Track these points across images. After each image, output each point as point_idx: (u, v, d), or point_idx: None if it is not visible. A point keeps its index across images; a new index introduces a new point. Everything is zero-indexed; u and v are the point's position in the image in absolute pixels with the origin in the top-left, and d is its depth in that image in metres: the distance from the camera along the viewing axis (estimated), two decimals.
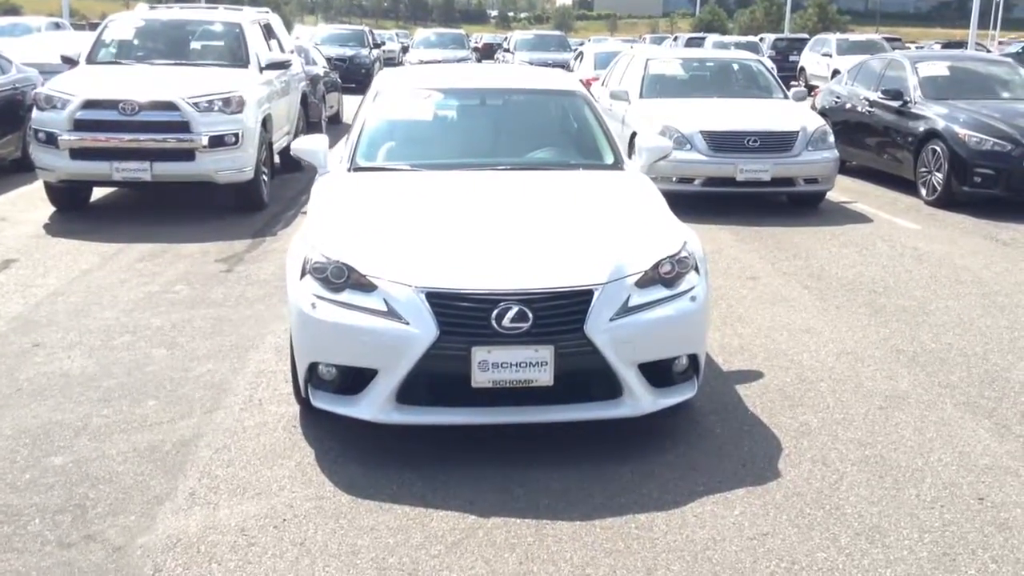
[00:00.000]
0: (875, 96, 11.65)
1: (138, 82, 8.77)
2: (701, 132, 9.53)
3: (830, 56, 26.43)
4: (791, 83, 19.37)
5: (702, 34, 42.53)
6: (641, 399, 4.07)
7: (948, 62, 11.91)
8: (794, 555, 3.42)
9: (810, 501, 3.80)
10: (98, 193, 9.57)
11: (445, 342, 3.82)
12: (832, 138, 9.93)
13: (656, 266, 4.13)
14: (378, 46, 29.36)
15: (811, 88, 21.34)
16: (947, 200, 10.06)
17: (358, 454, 4.11)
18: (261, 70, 9.80)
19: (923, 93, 10.90)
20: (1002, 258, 8.04)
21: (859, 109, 12.00)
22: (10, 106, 10.79)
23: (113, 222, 8.65)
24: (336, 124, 16.34)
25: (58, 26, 23.30)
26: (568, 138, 5.75)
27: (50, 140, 8.36)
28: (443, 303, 3.85)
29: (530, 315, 3.83)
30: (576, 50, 24.68)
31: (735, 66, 11.98)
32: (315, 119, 13.94)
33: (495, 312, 3.82)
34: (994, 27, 58.82)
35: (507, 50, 30.72)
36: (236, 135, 8.61)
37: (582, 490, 3.84)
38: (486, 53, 39.83)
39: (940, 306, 6.60)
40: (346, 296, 3.98)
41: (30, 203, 9.38)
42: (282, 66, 10.42)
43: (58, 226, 8.48)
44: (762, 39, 35.06)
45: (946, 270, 7.60)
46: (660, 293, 4.10)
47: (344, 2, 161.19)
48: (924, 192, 10.47)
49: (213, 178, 8.63)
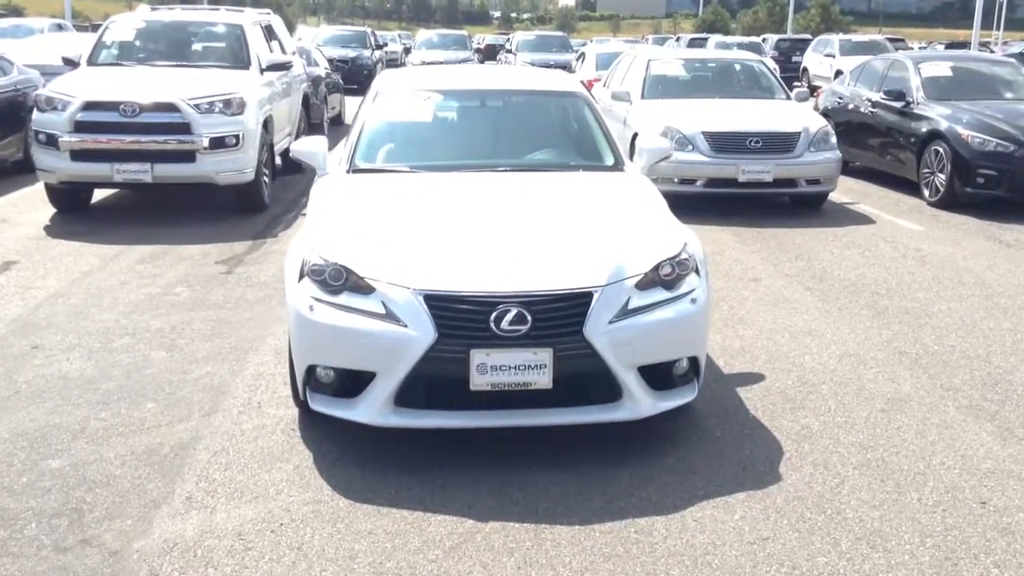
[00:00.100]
0: (878, 97, 11.62)
1: (139, 84, 8.76)
2: (703, 133, 9.51)
3: (833, 57, 26.39)
4: (794, 84, 19.38)
5: (705, 35, 42.48)
6: (641, 402, 4.04)
7: (951, 63, 11.88)
8: (795, 560, 3.40)
9: (811, 505, 3.78)
10: (99, 195, 9.57)
11: (443, 345, 3.79)
12: (834, 139, 9.90)
13: (656, 268, 4.11)
14: (380, 47, 29.38)
15: (814, 89, 21.31)
16: (950, 201, 10.03)
17: (356, 457, 4.09)
18: (262, 71, 9.79)
19: (926, 94, 10.87)
20: (1005, 259, 8.00)
21: (862, 110, 11.97)
22: (12, 107, 10.80)
23: (114, 224, 8.65)
24: (338, 125, 16.33)
25: (60, 27, 23.31)
26: (568, 139, 5.73)
27: (51, 142, 8.36)
28: (441, 305, 3.83)
29: (529, 317, 3.81)
30: (578, 51, 24.64)
31: (737, 67, 11.95)
32: (317, 120, 13.92)
33: (494, 314, 3.80)
34: (997, 27, 58.77)
35: (509, 51, 30.71)
36: (237, 137, 8.60)
37: (581, 494, 3.81)
38: (488, 54, 39.82)
39: (943, 308, 6.57)
40: (344, 298, 3.96)
41: (31, 205, 9.37)
42: (283, 67, 10.40)
43: (59, 228, 8.47)
44: (765, 40, 35.01)
45: (949, 272, 7.57)
46: (660, 295, 4.08)
47: (347, 3, 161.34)
48: (927, 193, 10.44)
49: (214, 180, 8.62)
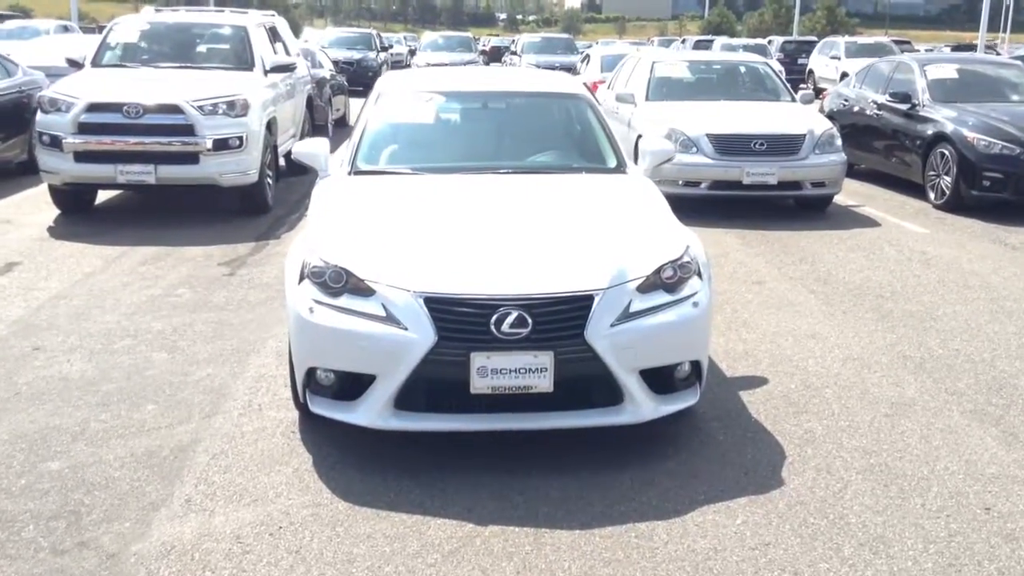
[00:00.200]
0: (883, 99, 11.58)
1: (142, 85, 8.76)
2: (707, 135, 9.48)
3: (839, 59, 26.31)
4: (799, 86, 19.30)
5: (710, 36, 42.42)
6: (642, 406, 4.02)
7: (957, 65, 11.83)
8: (796, 565, 3.37)
9: (813, 510, 3.75)
10: (103, 196, 9.57)
11: (443, 347, 3.77)
12: (839, 141, 9.86)
13: (658, 271, 4.08)
14: (385, 49, 29.38)
15: (819, 91, 21.25)
16: (955, 204, 9.99)
17: (356, 460, 4.07)
18: (266, 73, 9.79)
19: (931, 96, 10.83)
20: (1011, 263, 7.96)
21: (867, 112, 11.93)
22: (16, 109, 10.81)
23: (117, 225, 8.64)
24: (342, 127, 16.32)
25: (66, 29, 23.37)
26: (570, 141, 5.70)
27: (54, 143, 8.36)
28: (441, 308, 3.81)
29: (529, 320, 3.79)
30: (583, 53, 24.61)
31: (741, 69, 11.91)
32: (321, 122, 13.91)
33: (494, 317, 3.78)
34: (1004, 30, 58.61)
35: (514, 53, 30.69)
36: (240, 138, 8.60)
37: (581, 498, 3.79)
38: (493, 56, 39.78)
39: (948, 311, 6.53)
40: (344, 301, 3.94)
41: (35, 206, 9.38)
42: (287, 69, 10.40)
43: (62, 229, 8.47)
44: (770, 41, 34.90)
45: (954, 275, 7.53)
46: (662, 298, 4.06)
47: (353, 5, 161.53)
48: (932, 196, 10.39)
49: (217, 181, 8.62)
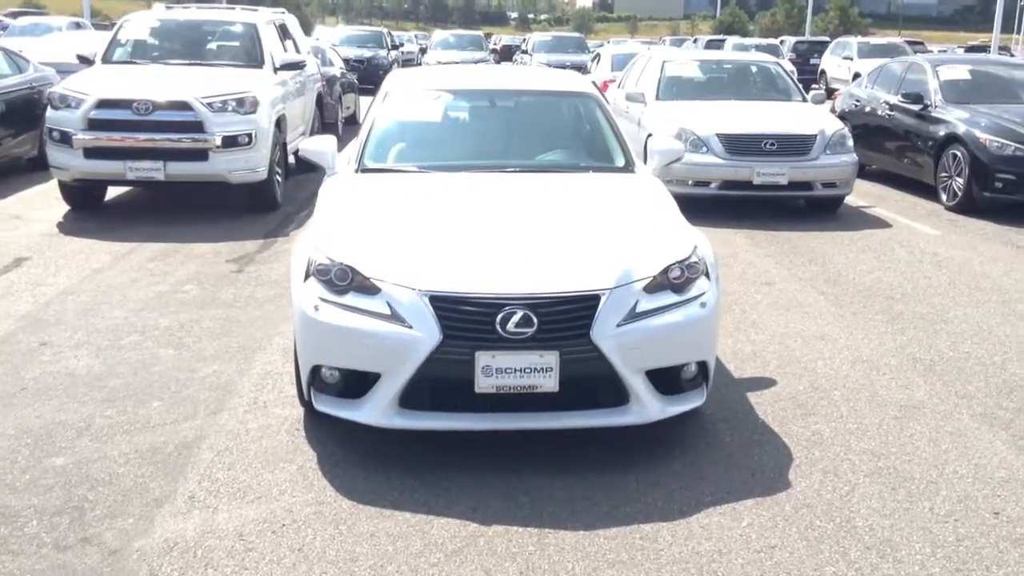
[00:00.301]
0: (895, 99, 11.51)
1: (152, 82, 8.77)
2: (717, 135, 9.43)
3: (851, 59, 26.20)
4: (811, 86, 19.23)
5: (722, 36, 42.29)
6: (648, 406, 3.99)
7: (969, 66, 11.75)
8: (802, 569, 3.34)
9: (820, 513, 3.72)
10: (113, 192, 9.59)
11: (448, 346, 3.76)
12: (851, 142, 9.80)
13: (665, 271, 4.06)
14: (396, 47, 29.40)
15: (832, 91, 21.16)
16: (967, 205, 9.92)
17: (361, 459, 4.05)
18: (276, 70, 9.79)
19: (944, 97, 10.75)
20: (1022, 265, 7.89)
21: (879, 112, 11.86)
22: (27, 105, 10.84)
23: (127, 221, 8.66)
24: (352, 125, 16.32)
25: (78, 26, 23.47)
26: (579, 140, 5.67)
27: (64, 139, 8.37)
28: (447, 307, 3.79)
29: (535, 320, 3.76)
30: (594, 52, 24.57)
31: (753, 68, 11.86)
32: (331, 120, 13.93)
33: (500, 316, 3.76)
34: (1018, 31, 58.27)
35: (525, 52, 30.67)
36: (249, 135, 8.60)
37: (586, 499, 3.77)
38: (504, 55, 39.75)
39: (959, 314, 6.48)
40: (350, 299, 3.93)
41: (45, 202, 9.40)
42: (297, 66, 10.40)
43: (72, 225, 8.49)
44: (782, 41, 34.79)
45: (965, 277, 7.48)
46: (669, 299, 4.03)
47: (365, 3, 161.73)
48: (944, 197, 10.33)
49: (226, 178, 8.62)
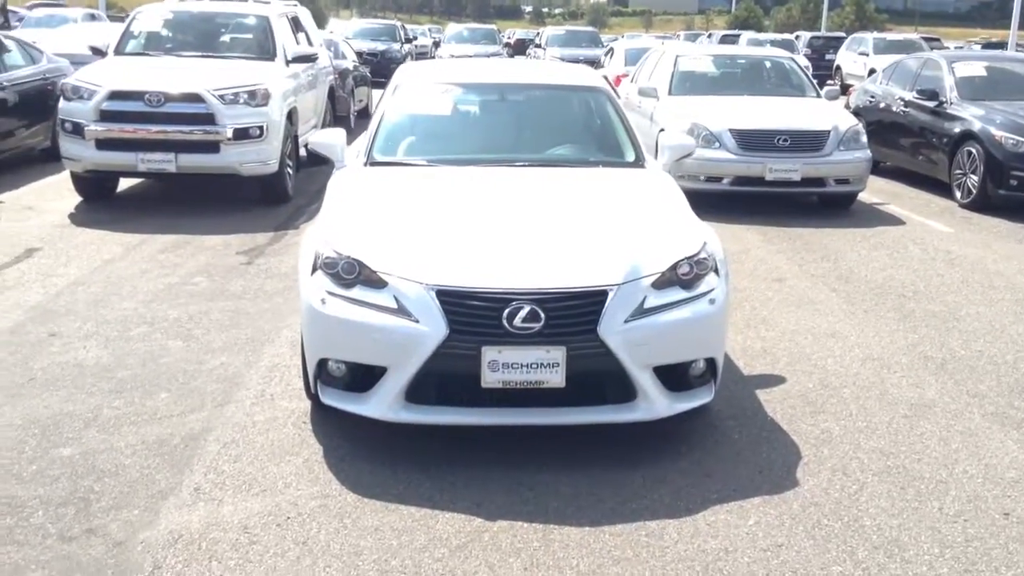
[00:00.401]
0: (910, 96, 11.42)
1: (164, 74, 8.78)
2: (730, 130, 9.38)
3: (867, 55, 26.04)
4: (827, 82, 19.08)
5: (737, 31, 42.09)
6: (656, 403, 3.97)
7: (985, 62, 11.64)
8: (809, 568, 3.31)
9: (828, 512, 3.69)
10: (124, 184, 9.61)
11: (455, 341, 3.74)
12: (865, 138, 9.72)
13: (674, 267, 4.03)
14: (410, 41, 29.41)
15: (847, 87, 21.02)
16: (982, 203, 9.83)
17: (367, 452, 4.05)
18: (287, 63, 9.79)
19: (959, 94, 10.66)
20: None
21: (893, 109, 11.77)
22: (40, 96, 10.86)
23: (138, 213, 8.68)
24: (365, 118, 16.29)
25: (94, 17, 23.54)
26: (589, 135, 5.64)
27: (76, 130, 8.40)
28: (454, 301, 3.77)
29: (542, 315, 3.74)
30: (607, 46, 24.48)
31: (767, 63, 11.77)
32: (343, 113, 13.93)
33: (506, 311, 3.74)
34: None
35: (539, 46, 30.59)
36: (261, 128, 8.60)
37: (592, 495, 3.75)
38: (518, 49, 39.64)
39: (971, 312, 6.43)
40: (357, 292, 3.92)
41: (57, 193, 9.43)
42: (309, 59, 10.39)
43: (83, 216, 8.51)
44: (798, 37, 34.59)
45: (979, 275, 7.41)
46: (677, 295, 4.00)
47: None
48: (958, 195, 10.25)
49: (237, 170, 8.63)
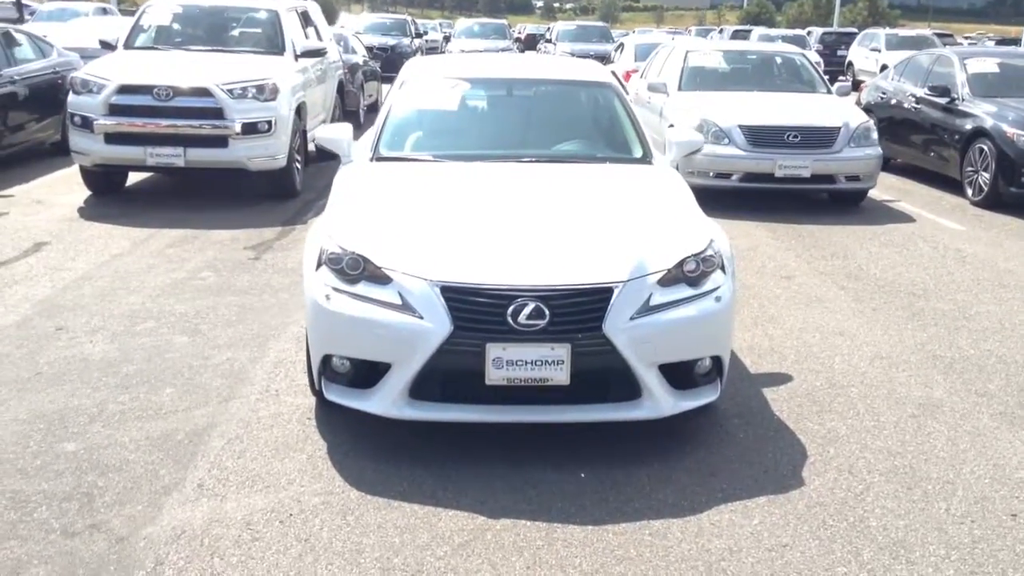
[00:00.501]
0: (922, 92, 11.35)
1: (173, 68, 8.78)
2: (739, 126, 9.33)
3: (879, 51, 25.90)
4: (838, 78, 18.99)
5: (748, 27, 41.90)
6: (661, 401, 3.95)
7: (998, 59, 11.54)
8: (813, 569, 3.29)
9: (833, 512, 3.66)
10: (134, 178, 9.62)
11: (459, 338, 3.72)
12: (875, 135, 9.67)
13: (680, 264, 4.00)
14: (420, 35, 29.37)
15: (858, 83, 20.90)
16: (993, 201, 9.77)
17: (371, 449, 4.04)
18: (296, 58, 9.78)
19: (971, 90, 10.58)
20: None
21: (905, 105, 11.70)
22: (51, 90, 10.89)
23: (147, 207, 8.69)
24: (374, 113, 16.27)
25: (105, 11, 23.60)
26: (596, 130, 5.61)
27: (85, 124, 8.41)
28: (458, 298, 3.75)
29: (547, 312, 3.72)
30: (618, 42, 24.41)
31: (777, 59, 11.71)
32: (352, 108, 13.92)
33: (511, 308, 3.72)
34: None
35: (549, 41, 30.54)
36: (269, 122, 8.60)
37: (596, 493, 3.73)
38: (529, 44, 39.61)
39: (981, 310, 6.38)
40: (361, 288, 3.90)
41: (67, 186, 9.45)
42: (318, 54, 10.39)
43: (92, 210, 8.52)
44: (810, 32, 34.46)
45: (989, 273, 7.36)
46: (683, 292, 3.98)
47: None
48: (970, 192, 10.18)
49: (245, 165, 8.63)
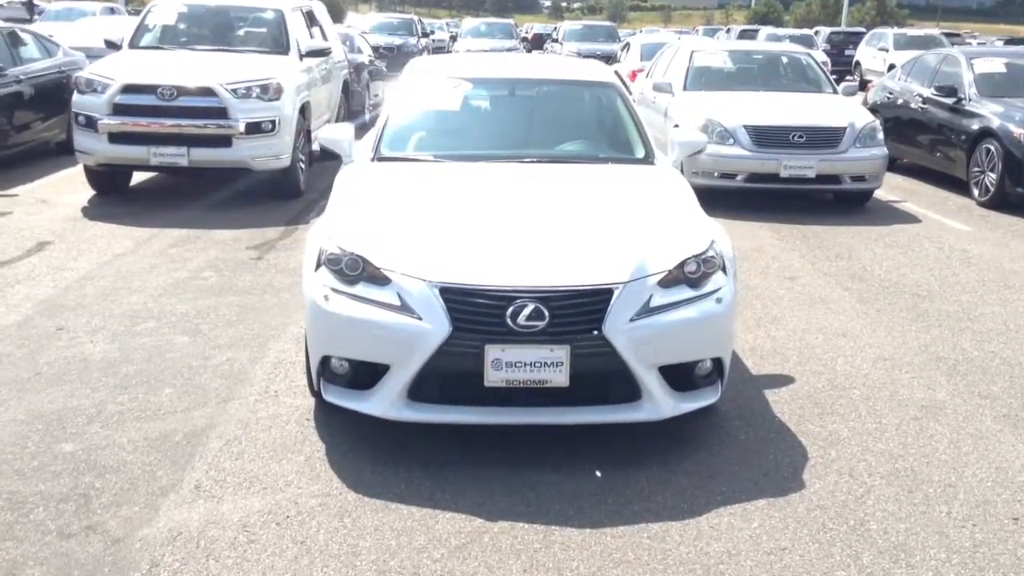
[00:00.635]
0: (928, 92, 11.29)
1: (177, 67, 8.78)
2: (744, 126, 9.30)
3: (886, 51, 25.80)
4: (846, 78, 18.92)
5: (756, 26, 41.82)
6: (661, 403, 3.92)
7: (1005, 59, 11.48)
8: (812, 573, 3.26)
9: (833, 515, 3.64)
10: (138, 177, 9.63)
11: (458, 339, 3.71)
12: (881, 135, 9.62)
13: (681, 265, 3.98)
14: (427, 35, 29.35)
15: (866, 83, 20.82)
16: (1000, 201, 9.72)
17: (369, 451, 4.02)
18: (301, 57, 9.78)
19: (978, 90, 10.53)
20: None
21: (912, 105, 11.64)
22: (56, 89, 10.89)
23: (150, 206, 8.69)
24: None
25: (112, 11, 23.64)
26: (598, 130, 5.58)
27: (89, 124, 8.41)
28: (457, 299, 3.74)
29: (546, 313, 3.71)
30: (624, 41, 24.37)
31: (783, 59, 11.66)
32: (358, 107, 13.90)
33: (510, 309, 3.70)
34: None
35: (556, 40, 30.52)
36: (273, 122, 8.60)
37: (595, 496, 3.71)
38: (535, 44, 39.53)
39: (986, 312, 6.34)
40: (360, 289, 3.89)
41: (72, 186, 9.45)
42: (322, 53, 10.38)
43: (96, 209, 8.53)
44: (817, 32, 34.35)
45: (994, 274, 7.32)
46: (684, 294, 3.96)
47: None
48: (976, 192, 10.13)
49: (249, 165, 8.63)
